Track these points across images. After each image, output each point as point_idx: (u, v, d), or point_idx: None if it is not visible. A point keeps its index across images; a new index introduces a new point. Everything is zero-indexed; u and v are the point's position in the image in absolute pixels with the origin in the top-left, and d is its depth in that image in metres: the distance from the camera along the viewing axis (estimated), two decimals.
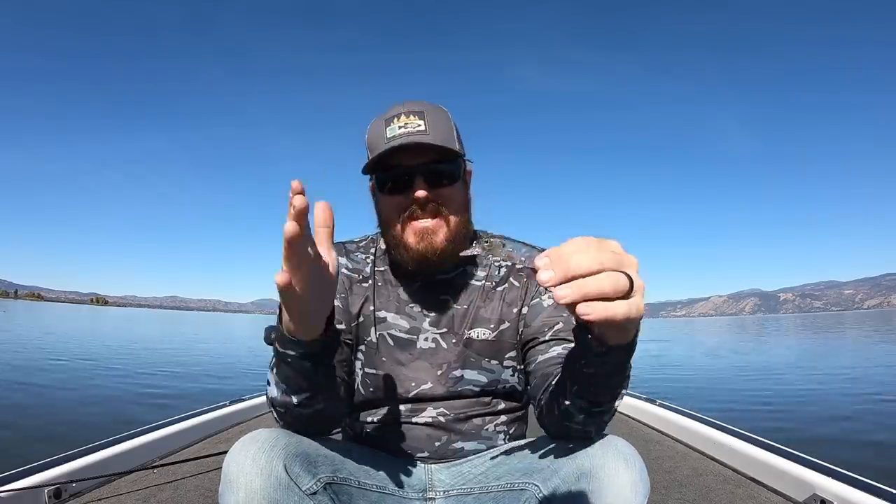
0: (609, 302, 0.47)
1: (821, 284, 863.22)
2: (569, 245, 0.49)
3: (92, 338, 18.05)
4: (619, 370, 0.64)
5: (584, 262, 0.48)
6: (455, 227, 0.89)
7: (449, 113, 0.91)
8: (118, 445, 1.91)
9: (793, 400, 6.42)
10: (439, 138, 0.86)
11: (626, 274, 0.48)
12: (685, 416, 2.62)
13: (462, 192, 0.92)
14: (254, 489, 0.63)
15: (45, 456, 1.69)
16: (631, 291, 0.48)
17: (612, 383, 0.66)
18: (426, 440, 0.91)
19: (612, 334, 0.57)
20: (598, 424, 0.72)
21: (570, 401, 0.70)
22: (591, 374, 0.64)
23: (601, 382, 0.65)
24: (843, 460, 1.92)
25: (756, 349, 18.19)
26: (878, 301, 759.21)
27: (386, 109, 0.90)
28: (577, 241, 0.50)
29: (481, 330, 0.92)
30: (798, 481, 1.69)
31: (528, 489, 0.74)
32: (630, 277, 0.48)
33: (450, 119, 0.91)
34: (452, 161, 0.89)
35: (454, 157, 0.88)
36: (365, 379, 0.93)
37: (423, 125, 0.85)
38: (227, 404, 2.79)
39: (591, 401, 0.68)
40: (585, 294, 0.47)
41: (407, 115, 0.86)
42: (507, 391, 0.94)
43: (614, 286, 0.47)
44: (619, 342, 0.58)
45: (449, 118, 0.91)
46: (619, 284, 0.48)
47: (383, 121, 0.88)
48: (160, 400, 6.00)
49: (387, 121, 0.87)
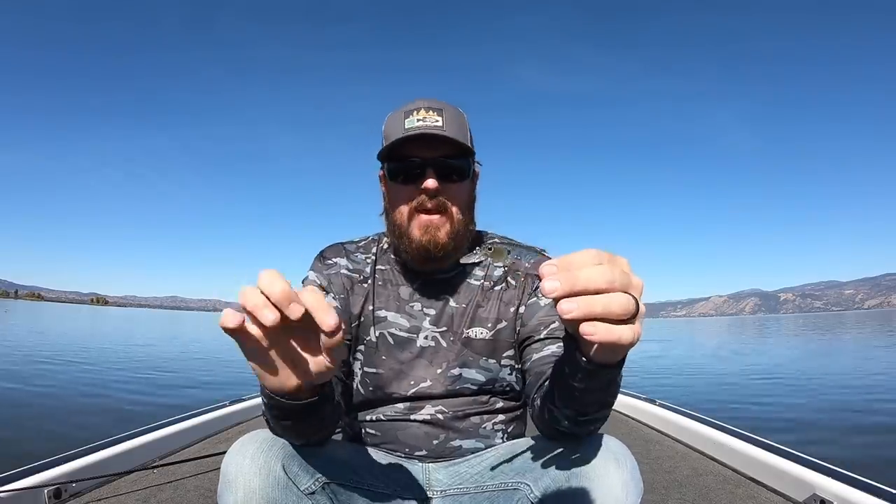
0: (613, 325, 0.44)
1: (821, 284, 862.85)
2: (578, 256, 0.46)
3: (92, 338, 18.05)
4: (607, 386, 0.61)
5: (595, 277, 0.44)
6: (458, 224, 0.90)
7: (466, 116, 0.94)
8: (118, 445, 1.91)
9: (793, 399, 6.43)
10: (455, 134, 0.88)
11: (633, 297, 0.45)
12: (685, 416, 2.62)
13: (469, 190, 0.94)
14: (252, 489, 0.63)
15: (45, 456, 1.69)
16: (635, 316, 0.46)
17: (599, 398, 0.64)
18: (424, 438, 0.91)
19: (605, 354, 0.53)
20: (588, 430, 0.71)
21: (557, 408, 0.69)
22: (578, 389, 0.61)
23: (588, 397, 0.63)
24: (843, 460, 1.92)
25: (757, 349, 18.19)
26: (878, 301, 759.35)
27: (396, 106, 0.93)
28: (588, 253, 0.46)
29: (479, 329, 0.93)
30: (798, 481, 1.69)
31: (521, 489, 0.74)
32: (637, 301, 0.46)
33: (465, 119, 0.93)
34: (464, 158, 0.91)
35: (467, 154, 0.90)
36: (364, 378, 0.93)
37: (441, 121, 0.87)
38: (226, 404, 2.79)
39: (578, 411, 0.67)
40: (591, 313, 0.43)
41: (427, 109, 0.88)
42: (504, 390, 0.95)
43: (623, 309, 0.44)
44: (609, 361, 0.55)
45: (465, 119, 0.93)
46: (627, 308, 0.44)
47: (402, 112, 0.90)
48: (159, 400, 6.01)
49: (406, 112, 0.89)
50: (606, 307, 0.44)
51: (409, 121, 0.88)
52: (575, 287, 0.44)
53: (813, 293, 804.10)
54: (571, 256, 0.46)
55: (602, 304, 0.43)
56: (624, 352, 0.53)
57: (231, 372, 9.58)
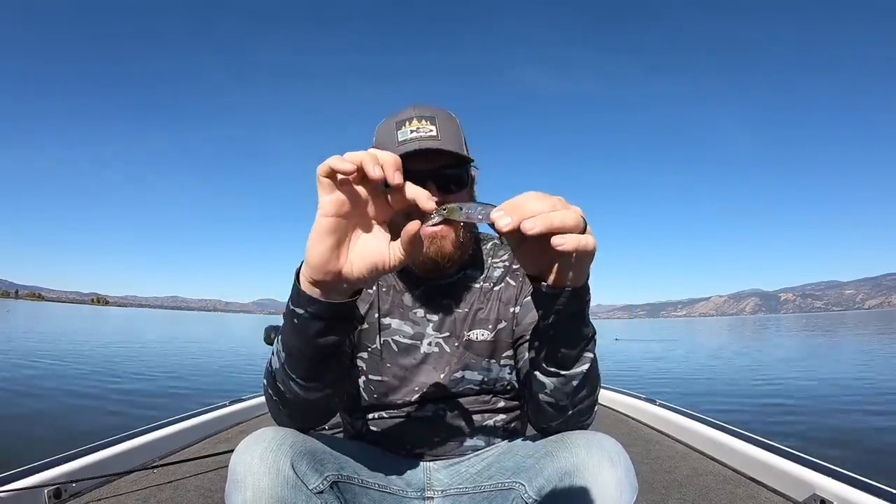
0: (578, 234, 0.52)
1: (821, 284, 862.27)
2: (521, 196, 0.54)
3: (92, 338, 18.06)
4: (577, 319, 0.65)
5: (539, 206, 0.52)
6: (461, 232, 0.90)
7: (458, 119, 0.92)
8: (118, 445, 1.91)
9: (793, 400, 6.42)
10: (450, 144, 0.85)
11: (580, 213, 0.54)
12: (685, 416, 2.62)
13: (468, 197, 0.92)
14: (262, 488, 0.62)
15: (45, 456, 1.69)
16: (585, 229, 0.54)
17: (572, 336, 0.67)
18: (426, 436, 0.92)
19: (569, 272, 0.59)
20: (571, 399, 0.72)
21: (539, 370, 0.71)
22: (552, 328, 0.65)
23: (562, 335, 0.67)
24: (843, 460, 1.92)
25: (757, 349, 18.18)
26: (878, 301, 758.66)
27: (393, 111, 0.90)
28: (528, 193, 0.54)
29: (480, 331, 0.93)
30: (798, 481, 1.69)
31: (516, 488, 0.74)
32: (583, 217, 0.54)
33: (458, 124, 0.91)
34: (461, 167, 0.88)
35: (464, 162, 0.88)
36: (369, 385, 0.93)
37: (435, 130, 0.85)
38: (226, 404, 2.79)
39: (558, 363, 0.69)
40: (552, 225, 0.51)
41: (419, 119, 0.86)
42: (505, 389, 0.95)
43: (575, 221, 0.53)
44: (574, 283, 0.60)
45: (458, 124, 0.91)
46: (578, 219, 0.53)
47: (394, 123, 0.87)
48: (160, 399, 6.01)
49: (398, 123, 0.86)
50: (562, 219, 0.52)
51: (401, 132, 0.85)
52: (524, 217, 0.51)
53: (813, 293, 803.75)
54: (515, 198, 0.54)
55: (559, 218, 0.52)
56: (588, 263, 0.59)
57: (231, 372, 9.59)
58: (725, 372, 10.43)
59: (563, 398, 0.72)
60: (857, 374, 9.26)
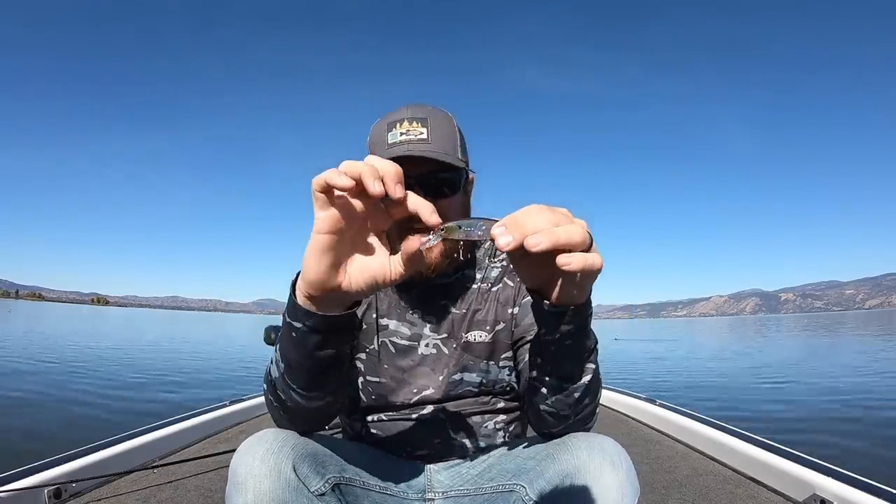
0: (585, 253, 0.49)
1: (822, 284, 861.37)
2: (522, 211, 0.50)
3: (92, 338, 18.06)
4: (580, 334, 0.63)
5: (541, 222, 0.48)
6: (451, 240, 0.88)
7: (454, 119, 0.88)
8: (118, 445, 1.91)
9: (793, 399, 6.42)
10: (441, 147, 0.82)
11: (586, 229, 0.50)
12: (685, 416, 2.62)
13: (461, 202, 0.89)
14: (263, 491, 0.62)
15: (45, 456, 1.69)
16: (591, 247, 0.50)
17: (574, 350, 0.65)
18: (425, 438, 0.91)
19: (572, 291, 0.56)
20: (574, 408, 0.71)
21: (540, 380, 0.70)
22: (552, 344, 0.63)
23: (564, 351, 0.65)
24: (843, 460, 1.92)
25: (758, 350, 18.17)
26: (879, 301, 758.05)
27: (391, 110, 0.87)
28: (530, 207, 0.50)
29: (478, 333, 0.92)
30: (798, 481, 1.69)
31: (517, 490, 0.73)
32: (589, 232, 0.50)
33: (454, 125, 0.87)
34: (454, 170, 0.84)
35: (450, 169, 0.84)
36: (367, 387, 0.93)
37: (426, 133, 0.82)
38: (226, 404, 2.79)
39: (559, 376, 0.68)
40: (557, 241, 0.47)
41: (410, 120, 0.83)
42: (505, 390, 0.94)
43: (582, 236, 0.49)
44: (575, 301, 0.58)
45: (453, 124, 0.87)
46: (584, 235, 0.49)
47: (385, 124, 0.84)
48: (159, 400, 6.01)
49: (389, 125, 0.84)
50: (568, 235, 0.48)
51: (391, 134, 0.82)
52: (527, 234, 0.47)
53: (814, 293, 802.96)
54: (515, 214, 0.50)
55: (564, 234, 0.48)
56: (588, 285, 0.56)
57: (231, 372, 9.58)
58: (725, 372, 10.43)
59: (566, 408, 0.71)
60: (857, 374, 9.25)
